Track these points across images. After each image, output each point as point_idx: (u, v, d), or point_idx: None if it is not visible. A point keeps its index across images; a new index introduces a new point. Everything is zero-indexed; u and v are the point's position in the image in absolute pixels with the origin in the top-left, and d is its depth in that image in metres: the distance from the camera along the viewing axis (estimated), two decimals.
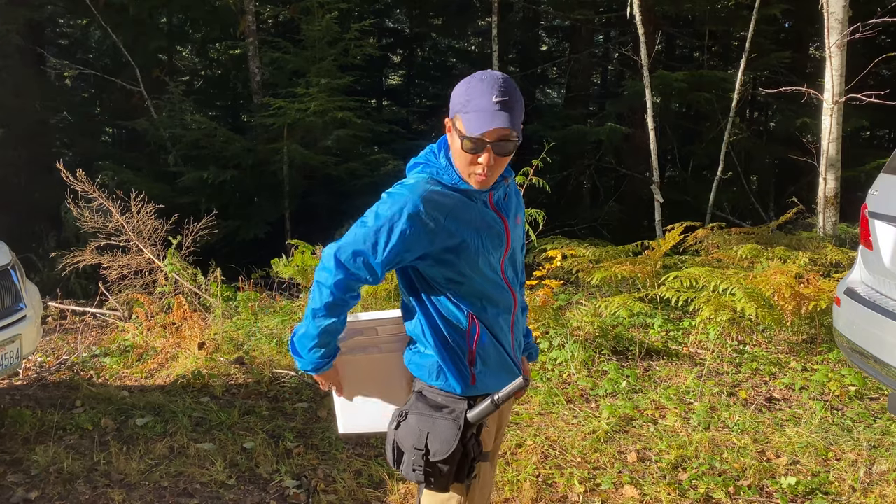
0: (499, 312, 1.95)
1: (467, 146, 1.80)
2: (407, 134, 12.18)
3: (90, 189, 6.21)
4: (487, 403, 1.87)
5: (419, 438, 1.86)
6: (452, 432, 1.85)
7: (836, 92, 7.51)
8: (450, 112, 1.87)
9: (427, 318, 1.91)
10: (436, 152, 1.92)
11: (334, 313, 1.87)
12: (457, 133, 1.82)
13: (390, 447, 1.93)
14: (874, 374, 3.27)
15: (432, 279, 1.90)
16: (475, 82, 1.82)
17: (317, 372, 1.97)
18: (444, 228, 1.82)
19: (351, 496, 3.25)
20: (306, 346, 1.92)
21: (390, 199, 1.84)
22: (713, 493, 3.27)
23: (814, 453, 3.62)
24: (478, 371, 1.91)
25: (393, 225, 1.79)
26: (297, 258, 6.57)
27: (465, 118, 1.80)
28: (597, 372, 4.77)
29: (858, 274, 3.62)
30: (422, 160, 1.94)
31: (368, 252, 1.82)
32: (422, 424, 1.87)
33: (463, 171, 1.86)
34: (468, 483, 1.93)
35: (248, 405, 4.25)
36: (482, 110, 1.77)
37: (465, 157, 1.82)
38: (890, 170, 3.51)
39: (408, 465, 1.88)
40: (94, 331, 5.91)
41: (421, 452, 1.85)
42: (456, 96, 1.85)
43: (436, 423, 1.87)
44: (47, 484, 3.31)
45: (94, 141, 13.04)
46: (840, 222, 7.99)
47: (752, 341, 5.34)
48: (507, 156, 1.84)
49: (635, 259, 6.59)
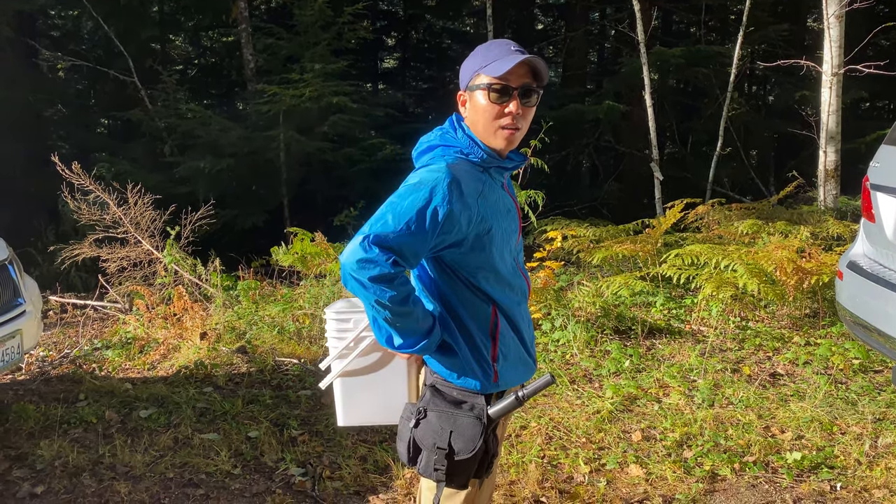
0: (519, 300, 1.91)
1: (494, 97, 1.75)
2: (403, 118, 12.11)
3: (87, 181, 6.17)
4: (511, 400, 1.81)
5: (441, 437, 1.79)
6: (477, 430, 1.79)
7: (834, 64, 7.45)
8: (462, 85, 1.83)
9: (451, 317, 1.83)
10: (452, 131, 1.84)
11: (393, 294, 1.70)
12: (480, 90, 1.77)
13: (405, 445, 1.84)
14: (878, 346, 3.26)
15: (461, 269, 1.80)
16: (488, 45, 1.82)
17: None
18: (478, 211, 1.75)
19: (356, 482, 3.25)
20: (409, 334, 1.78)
21: (427, 178, 1.71)
22: (719, 469, 3.27)
23: (818, 427, 3.62)
24: (500, 367, 1.85)
25: (436, 206, 1.67)
26: (297, 246, 6.54)
27: (486, 70, 1.76)
28: (599, 352, 4.76)
29: (860, 247, 3.60)
30: (438, 142, 1.83)
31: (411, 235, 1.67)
32: (443, 422, 1.80)
33: (489, 130, 1.78)
34: (483, 479, 1.89)
35: (252, 394, 4.25)
36: (502, 57, 1.75)
37: (491, 110, 1.77)
38: (891, 141, 3.48)
39: (427, 464, 1.81)
40: (95, 324, 5.90)
41: (444, 451, 1.78)
42: (470, 63, 1.82)
43: (458, 421, 1.80)
44: (53, 478, 3.31)
45: (89, 133, 12.97)
46: (841, 195, 7.96)
47: (754, 317, 5.33)
48: (531, 107, 1.80)
49: (636, 238, 6.57)
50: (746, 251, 5.46)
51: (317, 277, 6.27)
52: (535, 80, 1.78)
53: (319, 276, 6.30)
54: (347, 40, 10.42)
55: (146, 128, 10.69)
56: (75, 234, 7.27)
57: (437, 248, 1.74)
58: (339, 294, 5.65)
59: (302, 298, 5.82)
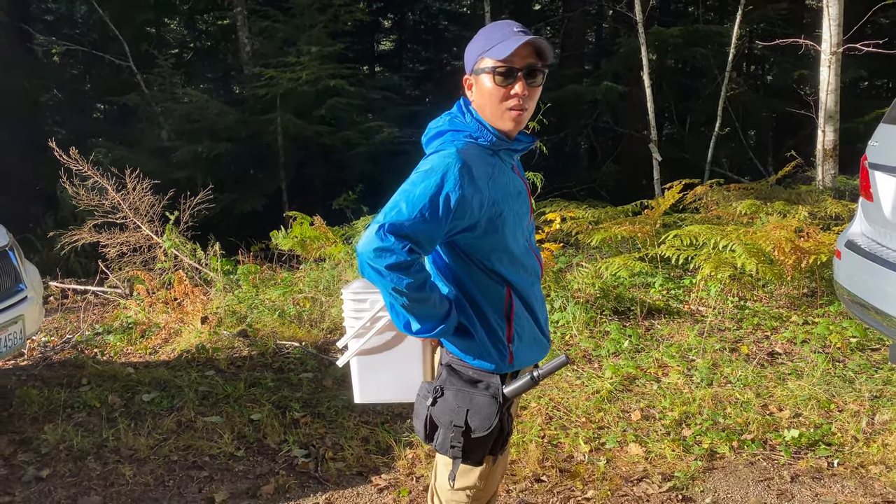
0: (532, 281, 1.93)
1: (499, 79, 1.77)
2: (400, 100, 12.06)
3: (84, 167, 6.17)
4: (527, 380, 1.84)
5: (458, 415, 1.82)
6: (493, 408, 1.82)
7: (833, 42, 7.42)
8: (468, 69, 1.84)
9: (467, 300, 1.84)
10: (460, 115, 1.84)
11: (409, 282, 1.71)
12: (485, 74, 1.79)
13: (422, 422, 1.88)
14: (875, 325, 3.28)
15: (475, 252, 1.81)
16: (490, 27, 1.83)
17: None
18: (489, 194, 1.76)
19: (359, 463, 3.28)
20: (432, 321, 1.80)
21: (438, 164, 1.72)
22: (717, 447, 3.30)
23: (816, 405, 3.65)
24: (514, 348, 1.87)
25: (448, 192, 1.69)
26: (296, 230, 6.55)
27: (490, 53, 1.78)
28: (599, 333, 4.78)
29: (859, 226, 3.61)
30: (447, 126, 1.84)
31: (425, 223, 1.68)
32: (460, 401, 1.83)
33: (496, 112, 1.80)
34: (498, 456, 1.92)
35: (254, 377, 4.28)
36: (506, 38, 1.76)
37: (497, 93, 1.78)
38: (890, 120, 3.48)
39: (444, 441, 1.85)
40: (96, 309, 5.92)
41: (461, 429, 1.82)
42: (473, 46, 1.83)
43: (475, 400, 1.83)
44: (58, 461, 3.34)
45: (85, 118, 12.92)
46: (839, 175, 7.95)
47: (752, 297, 5.36)
48: (537, 87, 1.81)
49: (635, 219, 6.58)
50: (745, 231, 5.47)
51: (316, 261, 6.29)
52: (540, 59, 1.80)
53: (319, 259, 6.31)
54: (343, 22, 10.35)
55: (143, 112, 10.65)
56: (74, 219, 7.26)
57: (450, 232, 1.76)
58: (339, 278, 5.67)
59: (302, 282, 5.84)
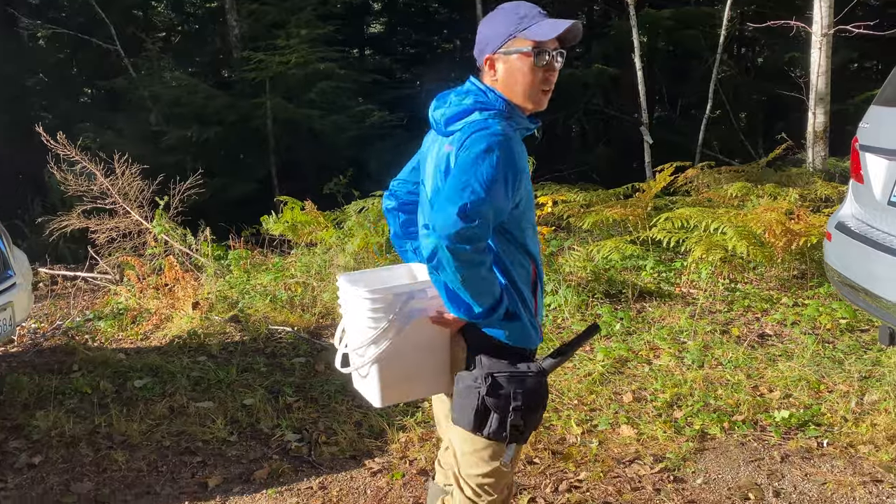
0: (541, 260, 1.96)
1: (538, 60, 1.77)
2: (391, 83, 11.98)
3: (72, 152, 6.11)
4: (565, 354, 1.87)
5: (514, 397, 1.81)
6: (543, 386, 1.84)
7: (824, 24, 7.42)
8: (490, 49, 1.80)
9: (508, 280, 1.82)
10: (483, 93, 1.81)
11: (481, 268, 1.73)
12: (521, 54, 1.77)
13: (471, 412, 1.82)
14: (865, 306, 3.30)
15: (514, 228, 1.81)
16: (513, 7, 1.81)
17: None
18: (524, 168, 1.79)
19: (352, 447, 3.29)
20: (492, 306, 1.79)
21: (493, 142, 1.70)
22: (708, 429, 3.32)
23: (806, 386, 3.68)
24: (539, 323, 1.89)
25: (508, 168, 1.70)
26: (287, 214, 6.52)
27: (527, 34, 1.76)
28: (590, 315, 4.80)
29: (849, 208, 3.61)
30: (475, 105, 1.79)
31: (497, 201, 1.68)
32: (514, 383, 1.81)
33: (529, 93, 1.80)
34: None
35: (246, 362, 4.27)
36: (540, 20, 1.76)
37: (533, 75, 1.78)
38: (881, 101, 3.48)
39: (499, 427, 1.82)
40: (86, 295, 5.89)
41: (521, 411, 1.81)
42: (500, 27, 1.78)
43: (526, 380, 1.82)
44: (50, 448, 3.33)
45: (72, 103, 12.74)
46: (829, 157, 7.98)
47: (743, 279, 5.38)
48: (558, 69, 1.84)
49: (626, 202, 6.58)
50: (736, 214, 5.49)
51: (307, 246, 6.27)
52: (561, 43, 1.82)
53: (310, 244, 6.29)
54: (333, 5, 10.28)
55: (131, 97, 10.55)
56: (63, 205, 7.20)
57: (511, 209, 1.77)
58: (330, 262, 5.65)
59: (293, 267, 5.82)
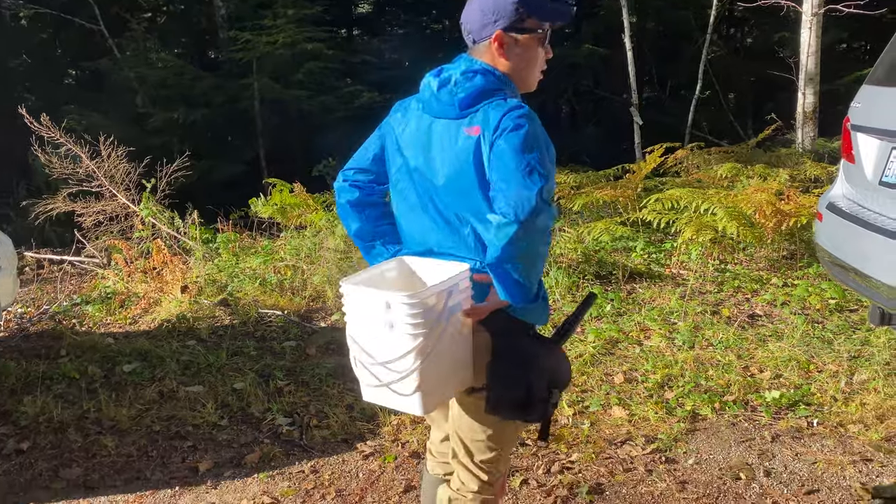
0: None
1: (544, 43, 1.81)
2: (380, 64, 11.88)
3: (57, 134, 6.02)
4: (573, 327, 1.88)
5: (554, 376, 1.80)
6: (565, 358, 1.85)
7: (815, 4, 7.39)
8: (501, 24, 1.73)
9: None
10: (491, 74, 1.75)
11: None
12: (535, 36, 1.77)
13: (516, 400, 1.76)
14: (855, 286, 3.31)
15: None
16: None
17: None
18: None
19: (344, 430, 3.28)
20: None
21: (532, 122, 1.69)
22: (699, 409, 3.33)
23: (796, 366, 3.70)
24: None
25: (550, 147, 1.74)
26: (276, 197, 6.47)
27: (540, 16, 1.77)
28: (581, 297, 4.79)
29: (840, 188, 3.61)
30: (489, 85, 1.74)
31: (553, 178, 1.72)
32: (550, 363, 1.80)
33: (533, 75, 1.83)
34: None
35: (236, 346, 4.25)
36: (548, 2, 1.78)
37: (541, 56, 1.82)
38: (872, 81, 3.46)
39: (541, 408, 1.78)
40: (73, 279, 5.83)
41: (558, 388, 1.81)
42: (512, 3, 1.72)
43: (558, 357, 1.82)
44: (38, 434, 3.30)
45: (56, 84, 12.57)
46: (818, 137, 7.99)
47: (733, 260, 5.39)
48: None
49: (616, 183, 6.57)
50: (726, 194, 5.49)
51: (297, 228, 6.22)
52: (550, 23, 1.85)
53: (300, 227, 6.25)
54: None
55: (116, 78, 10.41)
56: (48, 188, 7.11)
57: None
58: (320, 245, 5.61)
59: (283, 250, 5.78)
